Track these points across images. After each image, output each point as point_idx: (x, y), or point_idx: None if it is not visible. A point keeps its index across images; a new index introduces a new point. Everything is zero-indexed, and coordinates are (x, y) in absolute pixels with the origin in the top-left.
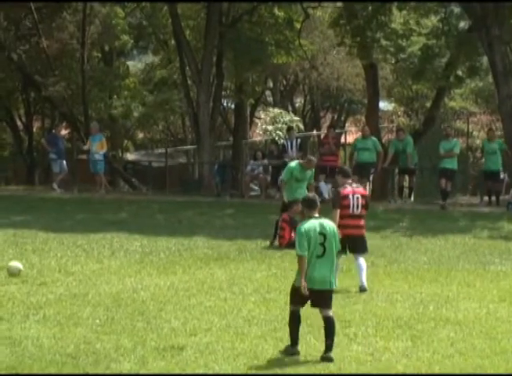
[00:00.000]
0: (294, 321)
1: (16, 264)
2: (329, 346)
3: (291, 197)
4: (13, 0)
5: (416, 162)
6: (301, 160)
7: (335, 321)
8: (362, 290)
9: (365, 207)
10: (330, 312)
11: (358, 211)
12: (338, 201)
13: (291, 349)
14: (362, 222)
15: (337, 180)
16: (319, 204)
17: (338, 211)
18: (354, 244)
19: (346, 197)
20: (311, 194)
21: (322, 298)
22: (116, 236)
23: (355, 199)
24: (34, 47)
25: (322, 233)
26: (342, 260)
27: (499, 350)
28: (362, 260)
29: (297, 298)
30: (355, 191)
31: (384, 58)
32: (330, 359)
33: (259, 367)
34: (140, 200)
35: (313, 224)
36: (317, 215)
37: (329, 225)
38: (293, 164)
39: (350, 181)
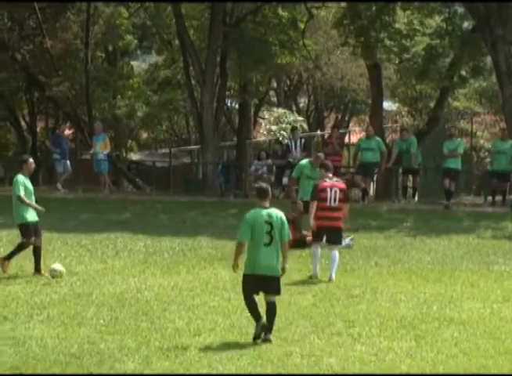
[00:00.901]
0: (250, 304)
1: (58, 267)
2: (269, 329)
3: (305, 197)
4: (17, 0)
5: (420, 162)
6: (311, 158)
7: (277, 307)
8: (329, 280)
9: (343, 200)
10: (274, 298)
11: (335, 204)
12: (316, 194)
13: (259, 323)
14: (340, 215)
15: (320, 173)
16: (270, 194)
17: (315, 203)
18: (329, 235)
19: (324, 190)
20: (264, 185)
21: (268, 284)
22: (120, 237)
23: (333, 192)
24: (37, 47)
25: (269, 223)
26: (348, 260)
27: (503, 350)
28: (335, 252)
29: (249, 285)
30: (333, 185)
31: (388, 58)
32: (269, 341)
33: (263, 367)
34: (144, 200)
35: (260, 213)
36: (267, 204)
37: (277, 214)
38: (303, 162)
39: (330, 175)
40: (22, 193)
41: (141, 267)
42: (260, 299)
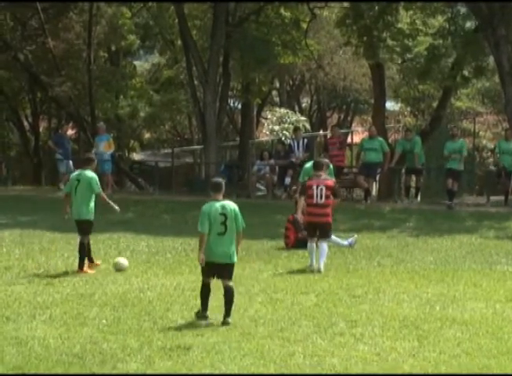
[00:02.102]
0: (205, 291)
1: (122, 260)
2: (227, 311)
3: None
4: (20, 0)
5: (423, 162)
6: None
7: (234, 291)
8: (317, 271)
9: (329, 197)
10: (230, 283)
11: (321, 201)
12: (303, 191)
13: (202, 313)
14: (327, 211)
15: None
16: (223, 188)
17: (302, 198)
18: (317, 230)
19: (310, 187)
20: (219, 179)
21: (224, 270)
22: (122, 237)
23: (319, 190)
24: (40, 47)
25: (223, 214)
26: (350, 260)
27: (505, 350)
28: (323, 245)
29: (210, 272)
30: (319, 182)
31: (391, 58)
32: (228, 323)
33: (265, 367)
34: (146, 200)
35: (215, 206)
36: (221, 197)
37: (231, 206)
38: (308, 164)
39: (320, 173)
40: (100, 191)
41: (143, 267)
42: (260, 300)
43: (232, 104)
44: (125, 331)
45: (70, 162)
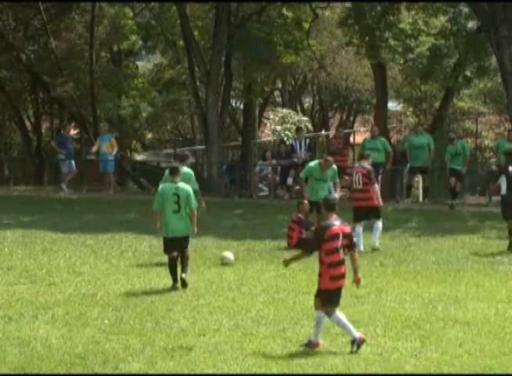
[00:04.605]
0: (172, 265)
1: (229, 255)
2: (184, 269)
3: (314, 197)
4: (23, 0)
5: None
6: (321, 160)
7: (190, 256)
8: (375, 248)
9: (367, 183)
10: (188, 252)
11: (360, 186)
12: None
13: (173, 284)
14: (369, 195)
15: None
16: (180, 172)
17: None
18: (366, 213)
19: (350, 174)
20: (175, 164)
21: (180, 243)
22: (124, 237)
23: (357, 177)
24: (42, 47)
25: (176, 194)
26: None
27: (507, 350)
28: (378, 223)
29: (169, 246)
30: (357, 170)
31: (393, 58)
32: (184, 280)
33: (268, 367)
34: (149, 200)
35: (170, 186)
36: (177, 179)
37: (184, 188)
38: (312, 163)
39: (356, 165)
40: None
41: (146, 267)
42: (260, 297)
43: (234, 104)
44: (127, 332)
45: (73, 162)
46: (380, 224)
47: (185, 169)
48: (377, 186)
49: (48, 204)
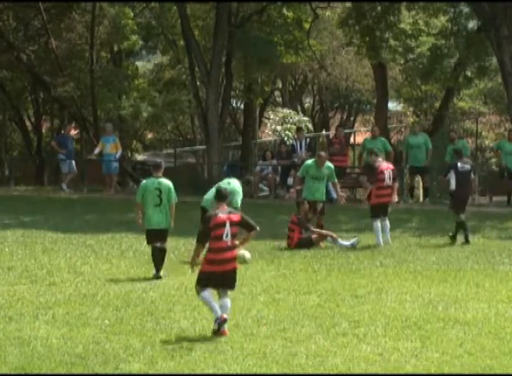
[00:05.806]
0: (156, 255)
1: (247, 255)
2: (157, 267)
3: (311, 197)
4: (23, 0)
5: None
6: (316, 158)
7: (166, 251)
8: (387, 243)
9: (394, 178)
10: (165, 245)
11: (390, 183)
12: (375, 175)
13: (156, 274)
14: (391, 191)
15: (371, 158)
16: (163, 168)
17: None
18: (386, 209)
19: (382, 172)
20: (158, 160)
21: (159, 235)
22: (125, 237)
23: (388, 173)
24: (42, 47)
25: (158, 189)
26: (353, 260)
27: (508, 350)
28: (387, 221)
29: (151, 237)
30: (387, 167)
31: (393, 58)
32: (159, 277)
33: (268, 367)
34: None
35: (152, 181)
36: (160, 174)
37: (165, 183)
38: (308, 162)
39: (380, 159)
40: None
41: (146, 267)
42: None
43: (234, 104)
44: (128, 331)
45: (73, 162)
46: (388, 221)
47: (234, 184)
48: None
49: (48, 204)
